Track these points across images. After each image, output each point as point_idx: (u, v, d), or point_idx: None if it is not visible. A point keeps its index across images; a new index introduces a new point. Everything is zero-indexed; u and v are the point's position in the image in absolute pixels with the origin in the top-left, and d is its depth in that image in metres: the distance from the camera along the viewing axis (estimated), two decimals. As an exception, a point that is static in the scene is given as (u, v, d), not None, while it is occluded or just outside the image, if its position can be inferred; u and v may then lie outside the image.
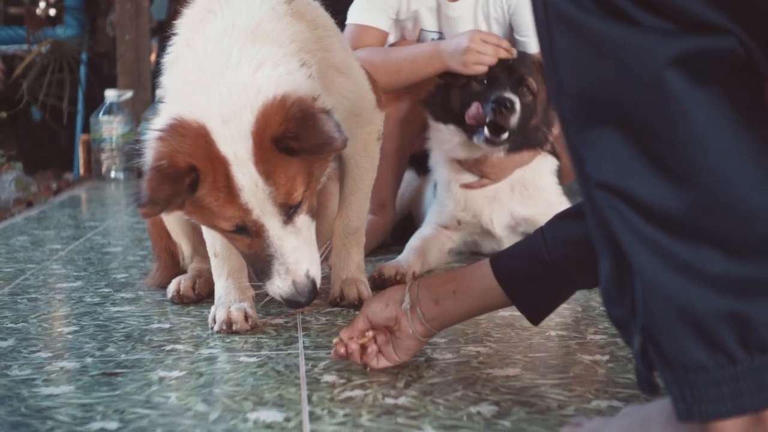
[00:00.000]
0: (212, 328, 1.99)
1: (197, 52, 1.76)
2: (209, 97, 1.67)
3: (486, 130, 2.62)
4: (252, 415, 1.46)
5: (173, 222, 2.31)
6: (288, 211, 1.70)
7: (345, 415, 1.45)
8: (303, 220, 1.74)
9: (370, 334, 1.65)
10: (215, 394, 1.57)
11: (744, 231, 1.02)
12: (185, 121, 1.66)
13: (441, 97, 2.80)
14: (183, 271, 2.39)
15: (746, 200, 1.01)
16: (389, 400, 1.52)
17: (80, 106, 6.74)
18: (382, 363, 1.67)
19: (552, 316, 2.06)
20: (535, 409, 1.46)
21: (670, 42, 0.99)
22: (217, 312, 2.00)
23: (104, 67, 7.21)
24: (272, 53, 1.72)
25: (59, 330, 2.06)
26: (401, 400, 1.52)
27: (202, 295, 2.28)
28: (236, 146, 1.63)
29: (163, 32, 7.65)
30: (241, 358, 1.78)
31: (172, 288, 2.29)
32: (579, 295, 2.30)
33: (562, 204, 2.81)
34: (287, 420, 1.44)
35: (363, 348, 1.65)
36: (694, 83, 0.99)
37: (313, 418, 1.44)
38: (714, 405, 1.04)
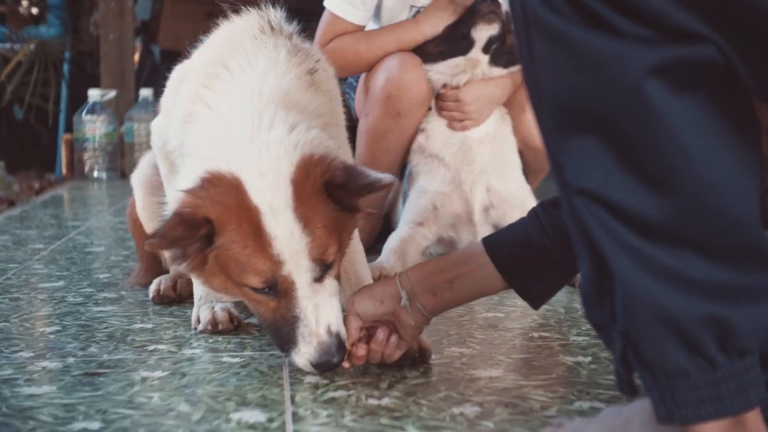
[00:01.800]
0: (195, 328, 1.98)
1: (221, 114, 1.72)
2: (245, 153, 1.62)
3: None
4: (235, 416, 1.46)
5: (151, 225, 2.30)
6: (321, 270, 1.61)
7: (328, 416, 1.45)
8: (331, 284, 1.65)
9: (382, 335, 1.65)
10: (198, 395, 1.57)
11: (727, 237, 1.02)
12: (219, 173, 1.61)
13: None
14: (166, 271, 2.38)
15: (732, 208, 1.02)
16: (372, 401, 1.52)
17: (63, 105, 6.72)
18: (398, 354, 1.67)
19: (535, 317, 2.08)
20: (517, 410, 1.47)
21: (649, 51, 0.99)
22: (201, 312, 1.99)
23: (87, 67, 7.18)
24: (304, 120, 1.69)
25: (41, 330, 2.05)
26: (384, 401, 1.52)
27: (183, 295, 2.27)
28: (272, 196, 1.58)
29: (146, 32, 7.65)
30: (225, 359, 1.78)
31: (152, 288, 2.29)
32: (561, 297, 2.31)
33: (526, 184, 2.95)
34: (270, 420, 1.44)
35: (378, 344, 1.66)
36: (674, 92, 1.00)
37: (297, 418, 1.44)
38: (694, 409, 1.05)
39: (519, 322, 2.05)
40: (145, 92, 5.87)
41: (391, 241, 2.75)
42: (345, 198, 1.62)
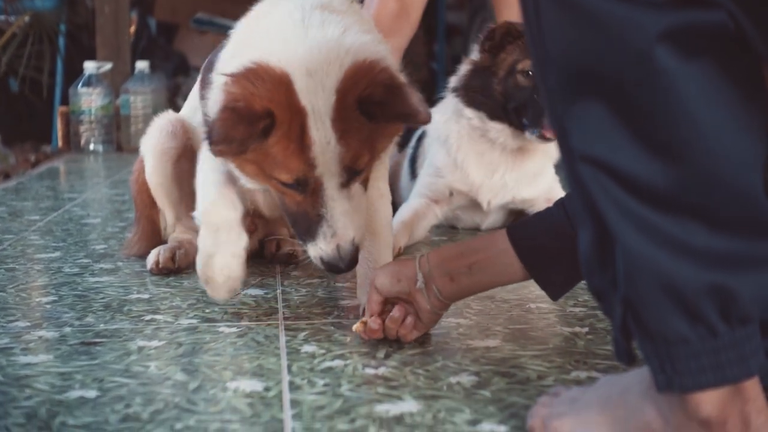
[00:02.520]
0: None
1: (268, 19, 1.74)
2: (295, 49, 1.63)
3: (542, 131, 2.65)
4: (232, 385, 1.46)
5: (160, 189, 2.30)
6: (349, 176, 1.64)
7: (325, 385, 1.45)
8: (357, 189, 1.68)
9: (397, 313, 1.63)
10: (195, 364, 1.56)
11: (732, 206, 1.02)
12: (267, 66, 1.61)
13: (480, 84, 2.77)
14: (163, 242, 2.37)
15: (738, 178, 1.01)
16: (369, 371, 1.52)
17: (59, 78, 6.68)
18: (414, 335, 1.65)
19: (532, 288, 2.07)
20: (514, 380, 1.47)
21: (659, 16, 0.97)
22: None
23: (83, 39, 7.13)
24: (354, 23, 1.70)
25: (37, 300, 2.04)
26: (381, 371, 1.52)
27: (182, 266, 2.27)
28: (317, 100, 1.59)
29: (142, 4, 7.59)
30: (221, 329, 1.78)
31: (151, 259, 2.28)
32: (559, 269, 2.31)
33: (558, 186, 2.88)
34: (267, 389, 1.44)
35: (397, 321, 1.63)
36: (684, 58, 0.98)
37: (293, 387, 1.44)
38: (694, 377, 1.04)
39: (516, 293, 2.05)
40: (141, 65, 5.84)
41: (404, 213, 2.71)
42: (379, 116, 1.62)
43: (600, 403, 1.21)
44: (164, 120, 2.30)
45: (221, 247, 1.80)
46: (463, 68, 2.83)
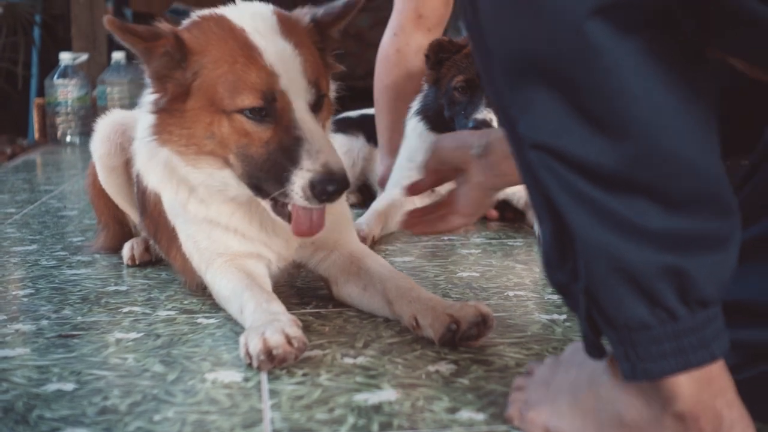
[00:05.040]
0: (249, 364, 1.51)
1: None
2: (224, 8, 1.71)
3: None
4: (210, 376, 1.45)
5: (119, 198, 2.24)
6: (316, 95, 1.61)
7: (304, 375, 1.45)
8: (322, 128, 1.63)
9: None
10: (173, 355, 1.56)
11: (680, 183, 1.00)
12: (205, 15, 1.70)
13: (432, 101, 2.84)
14: (135, 236, 2.35)
15: (681, 152, 1.00)
16: (348, 360, 1.52)
17: (34, 69, 6.64)
18: (456, 222, 1.59)
19: (510, 276, 2.09)
20: (493, 367, 1.47)
21: None
22: (250, 341, 1.48)
23: (59, 30, 7.09)
24: None
25: (14, 293, 2.03)
26: (360, 360, 1.52)
27: (159, 257, 2.26)
28: (256, 22, 1.63)
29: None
30: (199, 320, 1.77)
31: (126, 254, 2.26)
32: (537, 257, 2.31)
33: None
34: (246, 380, 1.44)
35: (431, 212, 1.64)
36: (617, 34, 0.97)
37: (272, 377, 1.44)
38: (657, 362, 1.03)
39: (494, 281, 2.06)
40: (118, 55, 5.81)
41: (380, 204, 2.72)
42: (331, 26, 1.70)
43: (571, 390, 1.19)
44: (109, 127, 2.20)
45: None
46: (424, 87, 2.91)
